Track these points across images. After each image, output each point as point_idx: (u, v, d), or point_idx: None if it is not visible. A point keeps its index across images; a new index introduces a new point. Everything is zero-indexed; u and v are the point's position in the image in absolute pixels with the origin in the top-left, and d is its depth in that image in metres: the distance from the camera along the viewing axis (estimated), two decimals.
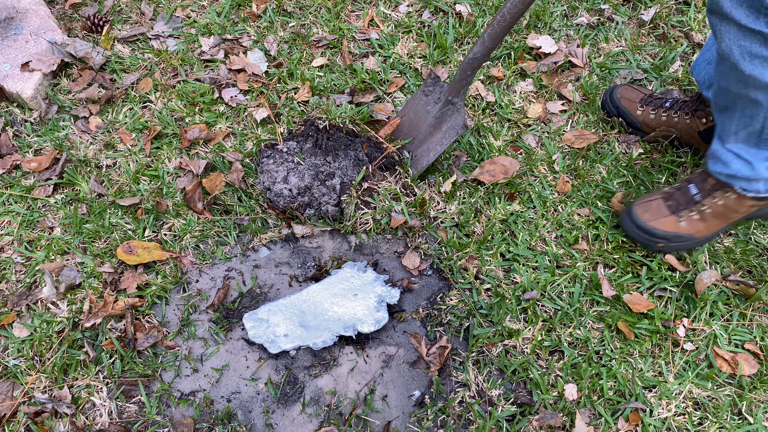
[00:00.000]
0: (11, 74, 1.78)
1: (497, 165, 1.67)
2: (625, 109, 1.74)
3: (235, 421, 1.33)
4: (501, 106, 1.83)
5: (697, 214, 1.47)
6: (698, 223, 1.48)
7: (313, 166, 1.63)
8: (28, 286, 1.48)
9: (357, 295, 1.46)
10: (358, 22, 2.04)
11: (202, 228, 1.58)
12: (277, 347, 1.39)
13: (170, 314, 1.46)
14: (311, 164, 1.64)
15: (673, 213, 1.49)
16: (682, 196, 1.49)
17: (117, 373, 1.36)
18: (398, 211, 1.58)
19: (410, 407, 1.35)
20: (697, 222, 1.48)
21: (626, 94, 1.76)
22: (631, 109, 1.74)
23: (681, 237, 1.49)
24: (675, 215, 1.49)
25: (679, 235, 1.49)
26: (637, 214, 1.52)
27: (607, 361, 1.39)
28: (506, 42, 1.98)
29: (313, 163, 1.64)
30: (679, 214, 1.48)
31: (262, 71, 1.89)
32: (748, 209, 1.45)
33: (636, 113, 1.73)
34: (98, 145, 1.73)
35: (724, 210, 1.45)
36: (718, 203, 1.44)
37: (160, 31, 2.00)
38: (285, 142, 1.67)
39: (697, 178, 1.48)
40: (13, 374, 1.36)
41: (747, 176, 1.36)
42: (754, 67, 1.13)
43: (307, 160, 1.65)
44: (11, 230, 1.57)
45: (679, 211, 1.48)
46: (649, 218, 1.50)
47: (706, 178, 1.46)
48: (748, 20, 1.06)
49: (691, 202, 1.48)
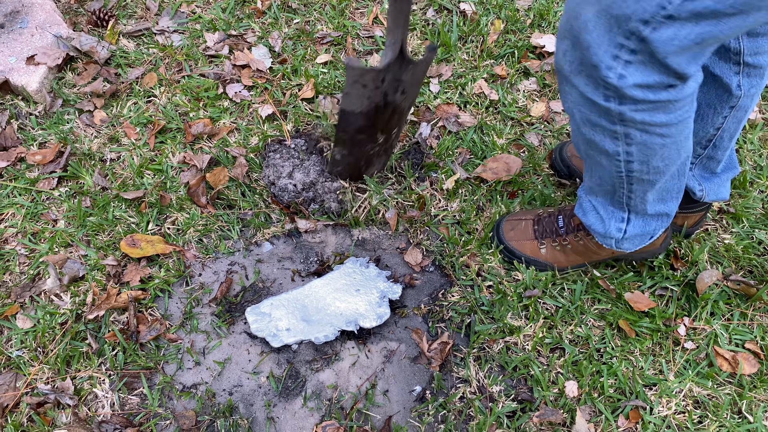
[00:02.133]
0: (17, 67, 1.79)
1: (500, 163, 1.68)
2: (577, 169, 1.63)
3: (237, 414, 1.33)
4: (504, 104, 1.83)
5: (558, 246, 1.46)
6: (558, 254, 1.47)
7: (319, 163, 1.63)
8: (31, 278, 1.49)
9: (359, 291, 1.47)
10: (362, 20, 2.05)
11: (205, 222, 1.58)
12: (279, 341, 1.39)
13: (173, 307, 1.47)
14: (317, 161, 1.65)
15: (536, 238, 1.47)
16: (550, 224, 1.47)
17: (119, 365, 1.37)
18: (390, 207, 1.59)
19: (411, 402, 1.36)
20: (557, 253, 1.46)
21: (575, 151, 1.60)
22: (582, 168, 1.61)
23: (539, 263, 1.48)
24: (537, 241, 1.47)
25: (537, 261, 1.48)
26: (503, 229, 1.51)
27: (607, 359, 1.40)
28: (510, 40, 1.98)
29: (319, 160, 1.65)
30: (542, 240, 1.47)
31: (266, 67, 1.89)
32: (610, 254, 1.43)
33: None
34: (102, 139, 1.73)
35: (584, 250, 1.44)
36: (579, 242, 1.43)
37: (165, 26, 2.00)
38: (293, 139, 1.68)
39: (567, 211, 1.46)
40: (16, 365, 1.37)
41: (598, 232, 1.35)
42: (595, 134, 1.08)
43: (312, 157, 1.66)
44: (15, 222, 1.57)
45: (543, 237, 1.47)
46: (512, 237, 1.49)
47: (573, 215, 1.44)
48: (586, 89, 0.99)
49: (555, 233, 1.46)
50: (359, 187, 1.63)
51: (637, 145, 1.07)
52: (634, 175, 1.16)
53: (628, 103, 0.97)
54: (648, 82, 0.93)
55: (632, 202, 1.25)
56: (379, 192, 1.61)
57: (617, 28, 0.89)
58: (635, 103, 0.97)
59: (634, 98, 0.96)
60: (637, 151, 1.08)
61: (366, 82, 1.27)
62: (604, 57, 0.92)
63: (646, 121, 1.00)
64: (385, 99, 1.34)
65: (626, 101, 0.97)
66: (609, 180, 1.21)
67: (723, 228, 1.62)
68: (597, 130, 1.07)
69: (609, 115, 1.01)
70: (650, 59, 0.90)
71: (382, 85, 1.29)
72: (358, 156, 1.52)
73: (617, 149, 1.09)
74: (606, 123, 1.04)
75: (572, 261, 1.47)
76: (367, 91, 1.29)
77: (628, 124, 1.02)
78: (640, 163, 1.12)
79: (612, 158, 1.12)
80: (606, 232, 1.33)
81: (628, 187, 1.20)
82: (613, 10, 0.88)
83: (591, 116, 1.05)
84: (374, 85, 1.28)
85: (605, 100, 0.99)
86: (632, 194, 1.22)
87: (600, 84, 0.96)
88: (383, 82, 1.28)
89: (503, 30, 2.00)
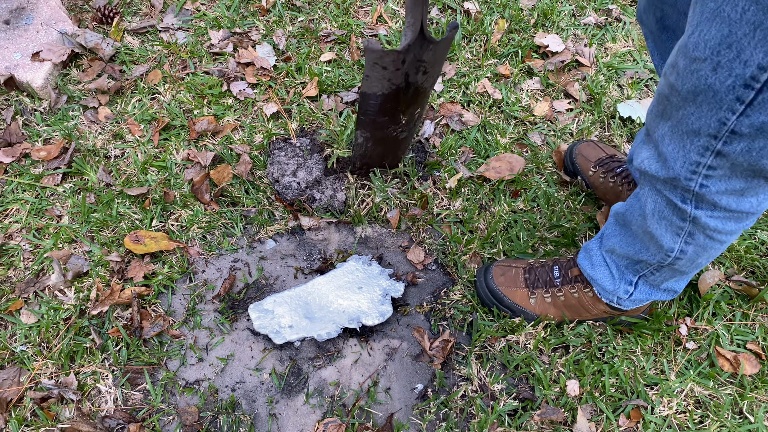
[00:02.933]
0: (22, 64, 1.79)
1: (503, 162, 1.68)
2: (579, 168, 1.63)
3: (239, 410, 1.34)
4: (508, 103, 1.83)
5: (550, 298, 1.39)
6: (549, 307, 1.40)
7: (323, 162, 1.64)
8: (35, 274, 1.50)
9: (362, 288, 1.47)
10: (366, 18, 2.05)
11: (209, 219, 1.59)
12: (281, 338, 1.40)
13: (176, 304, 1.47)
14: (320, 159, 1.65)
15: (527, 287, 1.41)
16: (544, 274, 1.41)
17: (123, 360, 1.38)
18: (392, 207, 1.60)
19: (413, 400, 1.36)
20: (548, 305, 1.40)
21: (585, 152, 1.64)
22: (584, 168, 1.62)
23: (527, 314, 1.41)
24: (528, 290, 1.41)
25: (525, 311, 1.41)
26: (493, 274, 1.44)
27: (609, 358, 1.40)
28: (514, 40, 1.98)
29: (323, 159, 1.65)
30: (533, 290, 1.41)
31: (270, 65, 1.90)
32: (601, 313, 1.38)
33: (588, 173, 1.61)
34: (107, 136, 1.74)
35: (577, 305, 1.38)
36: (574, 295, 1.37)
37: (170, 23, 2.01)
38: (298, 138, 1.68)
39: (564, 262, 1.40)
40: (20, 360, 1.37)
41: (605, 288, 1.30)
42: (659, 227, 1.06)
43: (315, 156, 1.66)
44: (20, 218, 1.58)
45: (535, 287, 1.41)
46: (502, 282, 1.42)
47: (572, 266, 1.38)
48: (664, 186, 1.00)
49: (549, 283, 1.40)
50: (363, 183, 1.64)
51: (696, 246, 1.05)
52: (674, 267, 1.13)
53: (706, 209, 0.97)
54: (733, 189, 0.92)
55: (651, 277, 1.22)
56: (383, 190, 1.61)
57: (690, 144, 0.89)
58: (713, 209, 0.96)
59: (716, 204, 0.95)
60: (692, 251, 1.07)
61: (386, 64, 1.23)
62: (682, 170, 0.92)
63: (718, 228, 1.00)
64: (407, 80, 1.31)
65: (704, 206, 0.96)
66: (644, 259, 1.17)
67: None
68: (663, 224, 1.05)
69: (682, 214, 1.00)
70: (731, 169, 0.89)
71: (402, 66, 1.25)
72: (380, 139, 1.49)
73: (673, 246, 1.07)
74: (677, 220, 1.02)
75: (560, 316, 1.41)
76: (387, 73, 1.26)
77: (698, 227, 1.01)
78: (687, 261, 1.10)
79: (662, 251, 1.10)
80: (614, 290, 1.29)
81: (659, 270, 1.18)
82: (683, 126, 0.88)
83: (664, 211, 1.03)
84: (395, 66, 1.25)
85: (682, 201, 0.98)
86: (657, 274, 1.20)
87: (679, 187, 0.96)
88: (404, 64, 1.25)
89: (507, 29, 2.00)
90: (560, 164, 1.71)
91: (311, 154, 1.67)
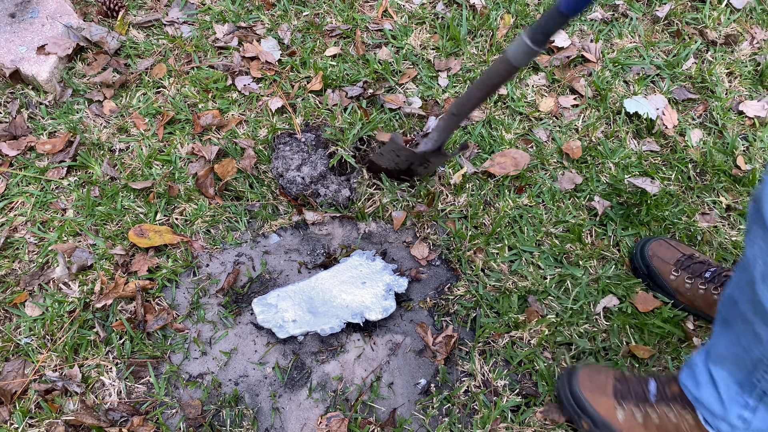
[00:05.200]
0: (27, 57, 1.79)
1: (508, 157, 1.68)
2: (657, 271, 1.45)
3: (243, 404, 1.34)
4: (513, 99, 1.83)
5: (641, 416, 1.20)
6: (636, 427, 1.20)
7: (327, 157, 1.63)
8: (40, 266, 1.50)
9: (365, 283, 1.47)
10: (371, 13, 2.04)
11: (213, 213, 1.59)
12: (285, 332, 1.40)
13: (180, 297, 1.48)
14: (324, 154, 1.65)
15: (616, 398, 1.23)
16: (638, 386, 1.23)
17: (126, 353, 1.38)
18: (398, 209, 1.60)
19: (416, 395, 1.36)
20: (636, 425, 1.20)
21: (660, 253, 1.46)
22: (663, 272, 1.44)
23: (609, 428, 1.22)
24: (617, 401, 1.23)
25: (608, 425, 1.22)
26: (579, 377, 1.28)
27: (612, 356, 1.40)
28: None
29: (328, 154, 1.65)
30: (622, 403, 1.22)
31: (275, 59, 1.89)
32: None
33: (669, 278, 1.43)
34: (112, 129, 1.74)
35: (672, 430, 1.17)
36: (671, 419, 1.16)
37: (175, 17, 2.00)
38: (303, 133, 1.68)
39: (664, 378, 1.22)
40: (25, 352, 1.38)
41: (714, 412, 1.08)
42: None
43: (320, 151, 1.66)
44: (25, 211, 1.58)
45: (624, 399, 1.22)
46: (588, 388, 1.25)
47: (672, 383, 1.19)
48: None
49: (643, 398, 1.21)
50: (373, 182, 1.63)
51: None
52: None
53: None
54: None
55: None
56: (393, 191, 1.61)
57: None
58: None
59: None
60: None
61: (400, 153, 1.49)
62: None
63: None
64: (409, 167, 1.55)
65: None
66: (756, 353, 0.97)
67: (731, 225, 1.61)
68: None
69: None
70: None
71: (412, 159, 1.50)
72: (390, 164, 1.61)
73: None
74: None
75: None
76: (397, 159, 1.52)
77: None
78: None
79: None
80: (723, 414, 1.06)
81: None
82: None
83: None
84: (406, 158, 1.50)
85: None
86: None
87: None
88: (414, 158, 1.49)
89: (513, 24, 1.99)
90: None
91: (316, 149, 1.67)
